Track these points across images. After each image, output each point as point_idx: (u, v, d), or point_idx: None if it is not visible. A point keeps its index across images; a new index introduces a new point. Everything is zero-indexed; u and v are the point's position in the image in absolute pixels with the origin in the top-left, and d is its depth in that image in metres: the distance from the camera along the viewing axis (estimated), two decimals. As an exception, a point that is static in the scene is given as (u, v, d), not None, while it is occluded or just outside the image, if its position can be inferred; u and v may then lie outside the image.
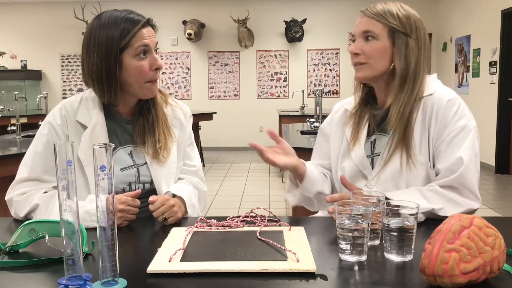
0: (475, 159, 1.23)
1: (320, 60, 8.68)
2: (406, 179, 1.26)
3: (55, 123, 1.33)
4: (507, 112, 6.00)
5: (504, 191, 5.28)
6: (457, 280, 0.77)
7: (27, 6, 8.66)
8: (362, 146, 1.35)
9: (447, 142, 1.24)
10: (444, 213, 1.17)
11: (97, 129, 1.31)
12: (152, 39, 1.30)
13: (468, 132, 1.24)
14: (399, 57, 1.26)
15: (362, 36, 1.29)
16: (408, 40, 1.26)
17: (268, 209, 1.32)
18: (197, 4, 8.55)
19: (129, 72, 1.27)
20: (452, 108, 1.25)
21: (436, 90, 1.29)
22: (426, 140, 1.27)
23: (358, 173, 1.34)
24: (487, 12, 6.35)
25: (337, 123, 1.46)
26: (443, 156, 1.24)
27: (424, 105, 1.28)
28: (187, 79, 8.78)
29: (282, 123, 5.66)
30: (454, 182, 1.20)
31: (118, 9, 1.30)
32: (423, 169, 1.26)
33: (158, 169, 1.36)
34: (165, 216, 1.21)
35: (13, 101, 3.47)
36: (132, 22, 1.26)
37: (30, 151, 1.33)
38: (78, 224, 0.78)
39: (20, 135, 3.36)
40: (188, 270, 0.86)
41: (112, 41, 1.24)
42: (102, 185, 0.76)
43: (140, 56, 1.27)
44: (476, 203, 1.22)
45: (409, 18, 1.27)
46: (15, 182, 1.31)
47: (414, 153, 1.25)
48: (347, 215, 0.92)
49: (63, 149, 0.75)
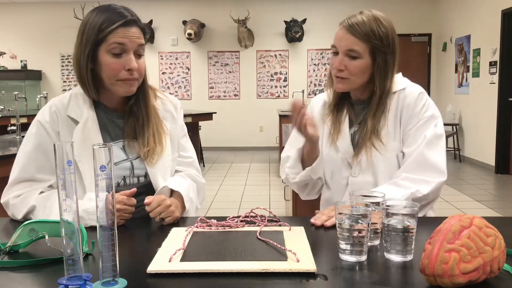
0: (438, 138, 1.37)
1: (320, 60, 8.68)
2: (384, 162, 1.40)
3: (44, 120, 1.31)
4: (507, 112, 6.00)
5: (504, 191, 5.28)
6: (457, 280, 0.77)
7: (27, 6, 8.66)
8: (347, 135, 1.46)
9: (415, 128, 1.39)
10: (421, 193, 1.31)
11: (89, 124, 1.31)
12: (133, 40, 1.25)
13: (434, 119, 1.39)
14: (379, 73, 1.38)
15: (345, 54, 1.37)
16: (386, 57, 1.37)
17: (268, 209, 1.32)
18: (197, 4, 8.54)
19: (101, 67, 1.26)
20: (421, 100, 1.40)
21: (407, 85, 1.44)
22: (398, 128, 1.42)
23: (344, 161, 1.45)
24: (487, 12, 6.35)
25: (317, 115, 1.54)
26: (410, 140, 1.39)
27: (398, 98, 1.42)
28: (187, 79, 8.78)
29: (282, 123, 5.66)
30: (416, 159, 1.34)
31: (117, 4, 1.29)
32: (396, 154, 1.41)
33: (152, 164, 1.35)
34: (162, 216, 1.21)
35: (13, 101, 3.47)
36: (114, 18, 1.23)
37: (20, 152, 1.32)
38: (78, 224, 0.78)
39: (20, 135, 3.35)
40: (188, 270, 0.86)
41: (91, 32, 1.24)
42: (102, 185, 0.76)
43: (113, 53, 1.24)
44: (441, 176, 1.34)
45: (387, 35, 1.36)
46: (9, 185, 1.30)
47: (387, 141, 1.40)
48: (347, 215, 0.92)
49: (63, 149, 0.75)
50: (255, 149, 8.73)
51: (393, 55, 1.38)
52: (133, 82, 1.29)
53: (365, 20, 1.35)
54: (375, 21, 1.35)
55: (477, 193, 5.05)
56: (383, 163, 1.40)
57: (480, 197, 4.87)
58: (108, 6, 1.28)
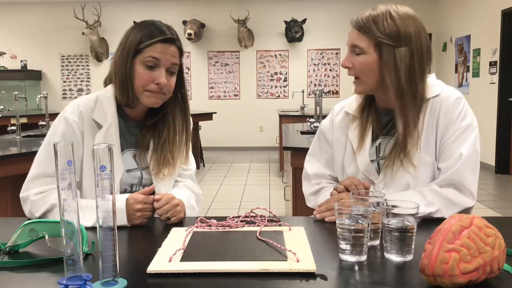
0: (475, 157, 1.24)
1: (320, 60, 8.68)
2: (414, 181, 1.27)
3: (72, 119, 1.32)
4: (507, 112, 6.00)
5: (504, 191, 5.28)
6: (457, 280, 0.77)
7: (27, 6, 8.66)
8: (366, 152, 1.34)
9: (451, 140, 1.25)
10: (441, 214, 1.20)
11: (112, 130, 1.33)
12: (168, 57, 1.30)
13: (472, 131, 1.26)
14: (388, 69, 1.25)
15: (351, 50, 1.30)
16: (395, 51, 1.23)
17: (268, 209, 1.32)
18: (197, 4, 8.55)
19: (135, 77, 1.31)
20: (458, 106, 1.27)
21: (442, 90, 1.30)
22: (433, 140, 1.28)
23: (364, 179, 1.33)
24: (487, 12, 6.35)
25: (338, 127, 1.44)
26: (446, 155, 1.25)
27: (432, 106, 1.28)
28: (187, 79, 8.77)
29: (282, 123, 5.66)
30: (451, 177, 1.22)
31: (162, 22, 1.35)
32: (430, 169, 1.27)
33: (160, 181, 1.39)
34: (169, 215, 1.22)
35: (13, 101, 3.47)
36: (155, 32, 1.29)
37: (44, 147, 1.32)
38: (78, 224, 0.78)
39: (20, 135, 3.36)
40: (188, 270, 0.86)
41: (132, 43, 1.29)
42: (102, 185, 0.76)
43: (147, 65, 1.29)
44: (471, 201, 1.24)
45: (397, 27, 1.23)
46: (30, 179, 1.29)
47: (419, 155, 1.26)
48: (347, 215, 0.92)
49: (63, 149, 0.75)
50: (255, 149, 8.73)
51: (409, 51, 1.24)
52: (160, 96, 1.32)
53: (372, 14, 1.26)
54: (383, 13, 1.25)
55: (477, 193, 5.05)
56: (411, 181, 1.27)
57: (480, 197, 4.87)
58: (152, 21, 1.34)
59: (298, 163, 2.71)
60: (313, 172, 1.47)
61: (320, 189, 1.44)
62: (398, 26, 1.24)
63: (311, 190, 1.46)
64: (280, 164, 6.16)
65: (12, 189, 2.60)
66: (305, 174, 1.50)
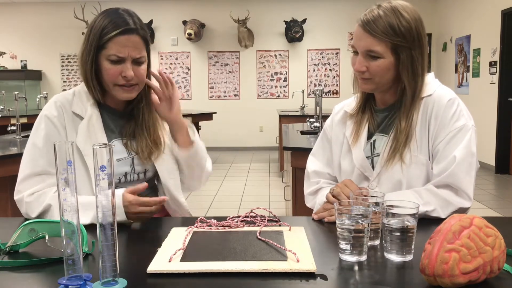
0: (470, 158, 1.22)
1: (320, 60, 8.68)
2: (407, 179, 1.27)
3: (51, 115, 1.32)
4: (507, 112, 6.00)
5: (504, 191, 5.28)
6: (457, 280, 0.77)
7: (27, 6, 8.66)
8: (361, 148, 1.35)
9: (445, 142, 1.24)
10: (437, 214, 1.20)
11: (93, 120, 1.33)
12: (131, 50, 1.27)
13: (466, 132, 1.24)
14: (406, 71, 1.24)
15: (365, 54, 1.25)
16: (412, 52, 1.23)
17: (268, 209, 1.32)
18: (197, 4, 8.55)
19: (102, 72, 1.30)
20: (451, 108, 1.25)
21: (435, 90, 1.29)
22: (426, 140, 1.27)
23: (359, 175, 1.34)
24: (487, 12, 6.35)
25: (337, 124, 1.46)
26: (441, 156, 1.24)
27: (424, 106, 1.28)
28: (187, 79, 8.78)
29: (282, 123, 5.66)
30: (445, 180, 1.21)
31: (124, 10, 1.31)
32: (423, 169, 1.27)
33: (158, 164, 1.40)
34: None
35: (13, 101, 3.47)
36: (116, 24, 1.26)
37: (28, 147, 1.31)
38: (78, 224, 0.78)
39: (20, 135, 3.36)
40: (188, 270, 0.86)
41: (94, 37, 1.27)
42: (102, 185, 0.76)
43: (111, 60, 1.27)
44: (467, 202, 1.22)
45: (410, 29, 1.22)
46: (21, 181, 1.29)
47: (414, 154, 1.26)
48: (347, 215, 0.92)
49: (63, 149, 0.75)
50: (255, 149, 8.73)
51: (421, 49, 1.24)
52: (131, 89, 1.32)
53: (382, 15, 1.21)
54: (394, 13, 1.22)
55: (477, 193, 5.05)
56: (404, 179, 1.27)
57: (480, 197, 4.87)
58: (115, 10, 1.31)
59: (298, 163, 2.71)
60: (312, 170, 1.48)
61: (319, 189, 1.44)
62: (411, 25, 1.23)
63: (309, 190, 1.47)
64: (280, 164, 6.16)
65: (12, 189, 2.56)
66: (306, 172, 1.51)
